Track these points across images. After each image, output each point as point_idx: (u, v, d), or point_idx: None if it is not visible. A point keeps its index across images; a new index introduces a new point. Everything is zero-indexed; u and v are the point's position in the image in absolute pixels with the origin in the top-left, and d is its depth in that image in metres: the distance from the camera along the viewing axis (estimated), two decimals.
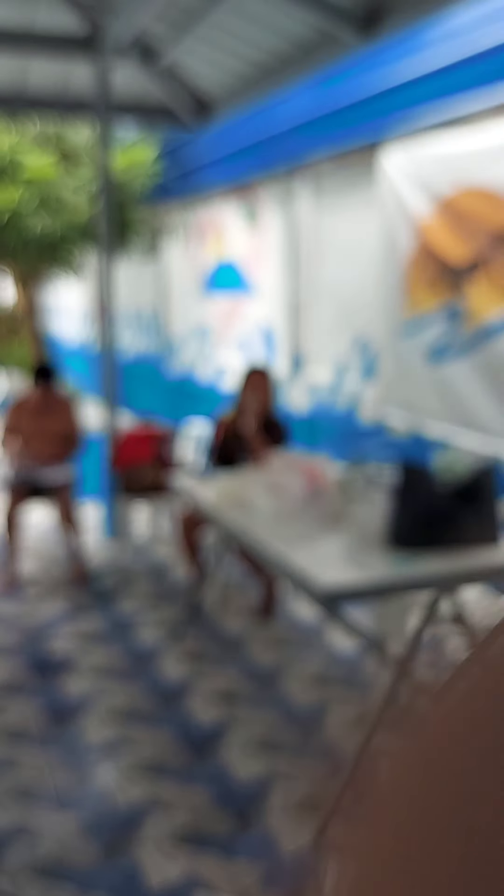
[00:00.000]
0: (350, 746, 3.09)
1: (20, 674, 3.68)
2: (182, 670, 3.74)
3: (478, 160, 3.99)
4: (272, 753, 3.05)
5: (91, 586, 4.83)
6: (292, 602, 4.49)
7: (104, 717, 3.31)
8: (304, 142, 5.53)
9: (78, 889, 2.35)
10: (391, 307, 4.78)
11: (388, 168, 4.65)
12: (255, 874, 2.41)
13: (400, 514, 2.72)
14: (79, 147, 7.22)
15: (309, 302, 5.87)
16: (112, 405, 5.78)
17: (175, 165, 7.59)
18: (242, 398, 4.42)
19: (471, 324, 4.16)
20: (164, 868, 2.43)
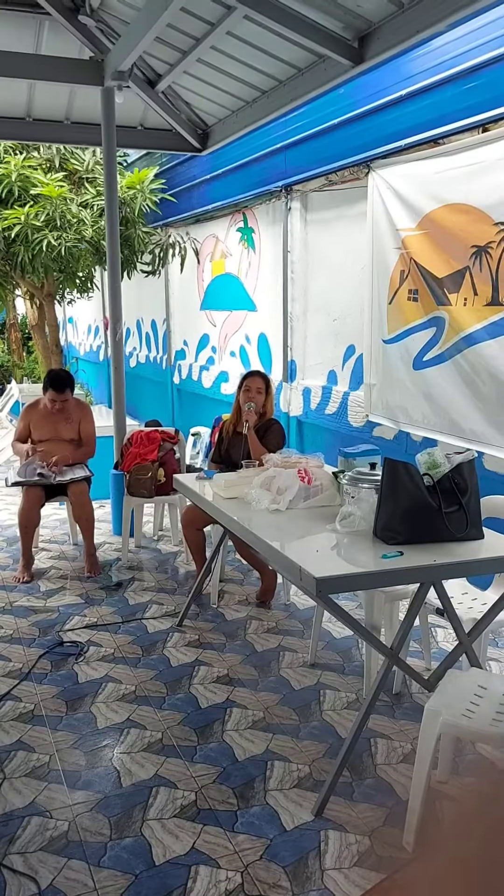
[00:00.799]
0: (344, 728, 3.07)
1: (34, 661, 3.66)
2: (186, 657, 3.72)
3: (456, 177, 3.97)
4: (271, 735, 3.02)
5: (101, 579, 4.81)
6: (289, 593, 4.48)
7: (113, 702, 3.29)
8: (294, 161, 5.51)
9: (88, 866, 2.32)
10: (378, 318, 4.75)
11: (375, 186, 4.62)
12: (256, 849, 2.38)
13: (387, 510, 2.70)
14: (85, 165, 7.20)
15: (300, 314, 5.85)
16: (119, 410, 5.76)
17: (176, 185, 7.58)
18: (240, 400, 4.41)
19: (454, 332, 4.13)
20: (169, 844, 2.41)
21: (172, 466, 5.20)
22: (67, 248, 6.63)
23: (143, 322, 9.74)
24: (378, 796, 2.64)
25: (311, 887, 2.22)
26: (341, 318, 5.37)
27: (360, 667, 3.59)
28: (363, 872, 2.28)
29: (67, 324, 13.94)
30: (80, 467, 5.03)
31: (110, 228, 5.52)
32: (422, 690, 3.33)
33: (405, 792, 2.63)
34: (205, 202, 7.11)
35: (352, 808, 2.58)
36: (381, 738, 2.99)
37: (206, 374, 7.73)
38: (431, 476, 2.71)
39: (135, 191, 7.10)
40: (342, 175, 5.03)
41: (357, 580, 2.51)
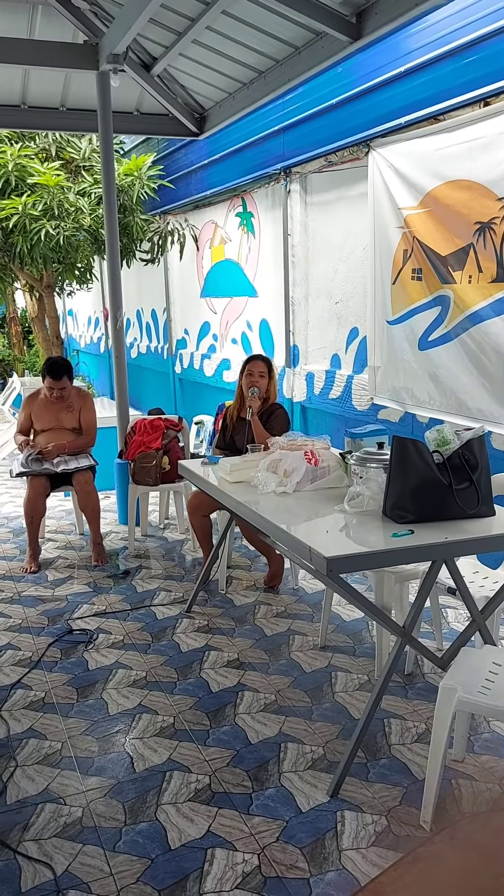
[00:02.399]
0: (357, 709, 3.05)
1: (43, 649, 3.64)
2: (196, 642, 3.70)
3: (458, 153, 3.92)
4: (283, 717, 3.01)
5: (108, 568, 4.79)
6: (297, 577, 4.46)
7: (124, 688, 3.27)
8: (292, 143, 5.46)
9: (103, 851, 2.31)
10: (382, 299, 4.71)
11: (376, 165, 4.57)
12: (273, 831, 2.36)
13: (397, 488, 2.67)
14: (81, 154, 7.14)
15: (302, 298, 5.81)
16: (122, 398, 5.73)
17: (173, 171, 7.52)
18: (243, 385, 4.37)
19: (459, 311, 4.09)
20: (185, 828, 2.39)
21: (177, 454, 5.18)
22: (66, 237, 6.58)
23: (144, 312, 9.70)
24: (393, 776, 2.62)
25: (328, 868, 2.21)
26: (344, 301, 5.33)
27: (370, 648, 3.57)
28: (381, 852, 2.27)
29: (67, 316, 13.89)
30: (84, 457, 5.00)
31: (108, 216, 5.48)
32: (434, 670, 3.31)
33: (421, 771, 2.61)
34: (203, 188, 7.05)
35: (367, 789, 2.56)
36: (394, 719, 2.97)
37: (208, 362, 7.69)
38: (441, 453, 2.68)
39: (132, 178, 7.04)
40: (342, 155, 4.98)
41: (368, 559, 2.48)
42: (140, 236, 7.29)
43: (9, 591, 4.42)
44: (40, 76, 5.42)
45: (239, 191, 6.55)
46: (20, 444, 4.91)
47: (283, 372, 6.00)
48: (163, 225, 7.72)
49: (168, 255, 8.01)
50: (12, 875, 2.22)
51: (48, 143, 7.09)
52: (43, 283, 8.00)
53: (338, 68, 4.69)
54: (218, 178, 6.74)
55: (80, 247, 6.87)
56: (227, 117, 5.54)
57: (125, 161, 7.29)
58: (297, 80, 4.56)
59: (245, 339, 6.90)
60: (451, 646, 2.76)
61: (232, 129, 6.02)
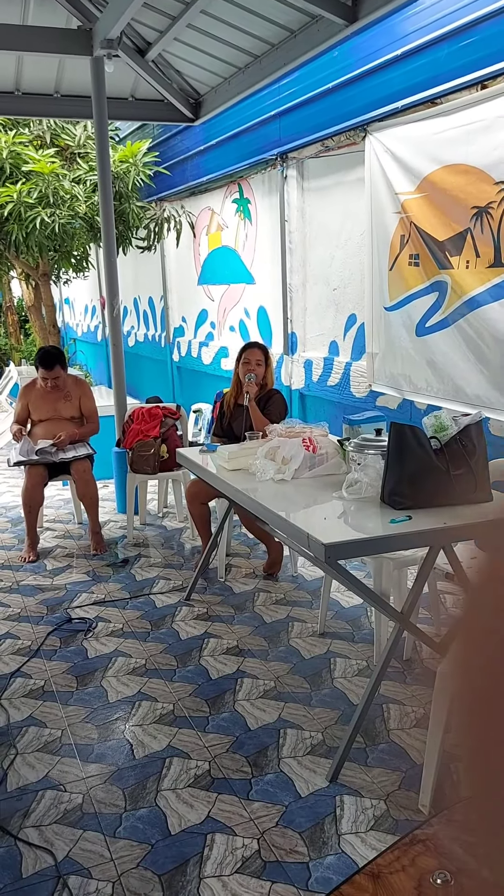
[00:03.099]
0: (356, 695, 3.07)
1: (42, 638, 3.66)
2: (195, 630, 3.72)
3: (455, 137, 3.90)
4: (283, 703, 3.02)
5: (107, 556, 4.80)
6: (296, 565, 4.47)
7: (123, 675, 3.29)
8: (289, 128, 5.43)
9: (104, 837, 2.32)
10: (379, 285, 4.70)
11: (372, 150, 4.55)
12: (272, 815, 2.38)
13: (394, 475, 2.67)
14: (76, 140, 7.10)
15: (300, 284, 5.79)
16: (119, 386, 5.72)
17: (169, 158, 7.48)
18: (240, 373, 4.37)
19: (456, 296, 4.08)
20: (184, 813, 2.41)
21: (175, 442, 5.18)
22: (61, 225, 6.55)
23: (141, 300, 9.67)
24: (392, 761, 2.64)
25: (327, 852, 2.22)
26: (341, 288, 5.31)
27: (369, 635, 3.58)
28: (380, 836, 2.28)
29: (64, 305, 13.85)
30: (82, 445, 5.00)
31: (104, 203, 5.45)
32: (433, 655, 3.33)
33: (419, 756, 2.63)
34: (199, 174, 7.02)
35: (366, 773, 2.57)
36: (393, 704, 2.99)
37: (206, 350, 7.68)
38: (439, 439, 2.68)
39: (128, 165, 7.01)
40: (338, 140, 4.95)
41: (366, 545, 2.49)
42: (136, 223, 7.26)
43: (7, 581, 4.43)
44: (34, 62, 5.38)
45: (235, 177, 6.51)
46: (15, 433, 4.90)
47: (281, 359, 5.99)
48: (159, 212, 7.69)
49: (164, 242, 7.98)
50: (13, 861, 2.23)
51: (43, 130, 7.04)
52: (39, 271, 7.97)
53: (334, 52, 4.66)
54: (214, 164, 6.70)
55: (75, 234, 6.84)
56: (222, 102, 5.50)
57: (120, 148, 7.25)
58: (293, 64, 4.52)
59: (243, 326, 6.89)
60: (449, 631, 2.76)
61: (228, 115, 5.99)
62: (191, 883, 2.12)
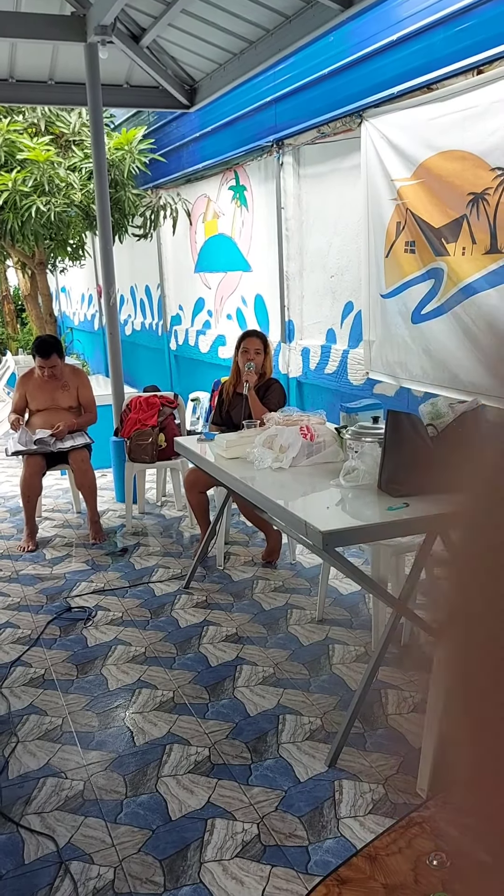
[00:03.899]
0: (354, 680, 3.09)
1: (42, 627, 3.68)
2: (194, 618, 3.74)
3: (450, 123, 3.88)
4: (282, 689, 3.05)
5: (106, 545, 4.81)
6: (294, 552, 4.49)
7: (123, 663, 3.31)
8: (284, 114, 5.40)
9: (105, 823, 2.35)
10: (376, 272, 4.69)
11: (368, 136, 4.53)
12: (272, 800, 2.41)
13: (391, 462, 2.68)
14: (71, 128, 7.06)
15: (297, 272, 5.78)
16: (117, 376, 5.72)
17: (164, 145, 7.44)
18: (238, 361, 4.37)
19: (452, 283, 4.08)
20: (185, 799, 2.43)
21: (173, 431, 5.18)
22: (57, 213, 6.53)
23: (137, 288, 9.64)
24: (390, 745, 2.67)
25: (326, 835, 2.25)
26: (338, 275, 5.30)
27: (367, 621, 3.60)
28: (378, 819, 2.31)
29: (61, 294, 13.81)
30: (80, 435, 5.01)
31: (100, 191, 5.43)
32: (430, 641, 3.34)
33: (417, 740, 2.65)
34: (195, 161, 6.98)
35: (365, 758, 2.60)
36: (391, 689, 3.01)
37: (203, 338, 7.67)
38: (435, 426, 2.69)
39: (123, 152, 6.96)
40: (334, 126, 4.93)
41: (363, 532, 2.50)
42: (132, 211, 7.23)
43: (7, 570, 4.45)
44: (28, 49, 5.34)
45: (231, 164, 6.48)
46: (13, 422, 4.91)
47: (278, 347, 5.99)
48: (155, 199, 7.65)
49: (161, 230, 7.95)
50: (15, 848, 2.26)
51: (37, 117, 7.00)
52: (35, 260, 7.95)
53: (329, 37, 4.63)
54: (210, 151, 6.67)
55: (71, 223, 6.81)
56: (218, 89, 5.47)
57: (116, 135, 7.21)
58: (288, 49, 4.50)
59: (240, 314, 6.88)
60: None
61: (223, 101, 5.95)
62: (191, 867, 2.15)
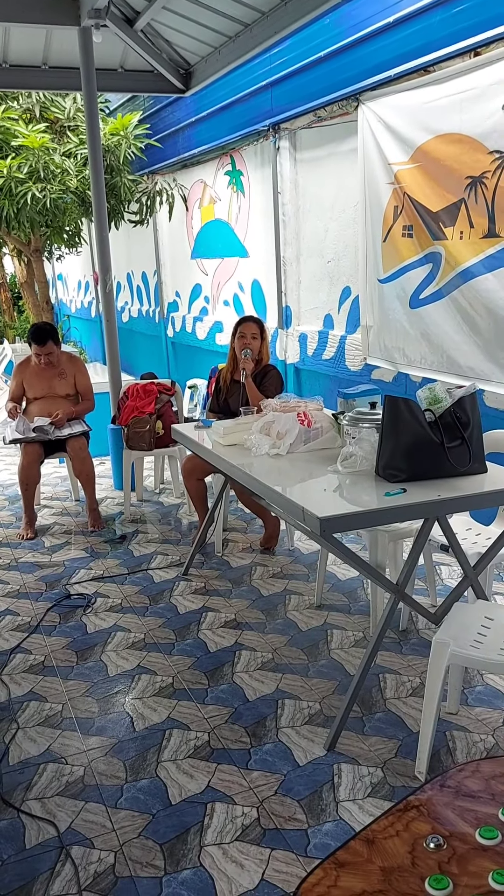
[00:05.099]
0: (353, 665, 3.10)
1: (42, 614, 3.68)
2: (193, 604, 3.75)
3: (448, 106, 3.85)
4: (280, 675, 3.06)
5: (105, 533, 4.82)
6: (293, 538, 4.49)
7: (123, 650, 3.32)
8: (280, 98, 5.36)
9: (105, 808, 2.36)
10: (373, 257, 4.67)
11: (365, 119, 4.50)
12: (271, 784, 2.42)
13: (389, 448, 2.68)
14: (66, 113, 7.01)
15: (293, 257, 5.75)
16: (114, 363, 5.70)
17: (160, 130, 7.39)
18: (235, 348, 4.35)
19: (450, 268, 4.06)
20: (185, 784, 2.45)
21: (170, 418, 5.17)
22: (52, 200, 6.49)
23: (134, 275, 9.61)
24: (389, 729, 2.68)
25: (326, 819, 2.26)
26: (336, 260, 5.28)
27: (365, 606, 3.61)
28: (377, 802, 2.33)
29: (57, 281, 13.76)
30: (77, 422, 5.00)
31: (95, 177, 5.39)
32: (428, 626, 3.36)
33: (415, 724, 2.67)
34: (191, 146, 6.94)
35: (363, 742, 2.61)
36: (389, 674, 3.02)
37: (200, 325, 7.65)
38: (433, 411, 2.68)
39: (119, 137, 6.92)
40: (331, 110, 4.89)
41: (361, 518, 2.50)
42: (128, 197, 7.19)
43: (6, 558, 4.45)
44: (20, 34, 5.28)
45: (227, 149, 6.44)
46: (10, 411, 4.90)
47: (275, 333, 5.97)
48: (151, 185, 7.61)
49: (157, 216, 7.91)
50: (17, 833, 2.27)
51: (32, 103, 6.94)
52: (31, 247, 7.91)
53: (325, 20, 4.59)
54: (206, 135, 6.63)
55: (67, 209, 6.78)
56: (213, 73, 5.42)
57: (111, 120, 7.16)
58: (284, 32, 4.45)
59: (237, 300, 6.85)
60: (444, 601, 2.79)
61: (219, 86, 5.91)
62: (192, 851, 2.16)
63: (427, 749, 2.40)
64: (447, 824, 1.21)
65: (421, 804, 1.27)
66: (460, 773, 1.33)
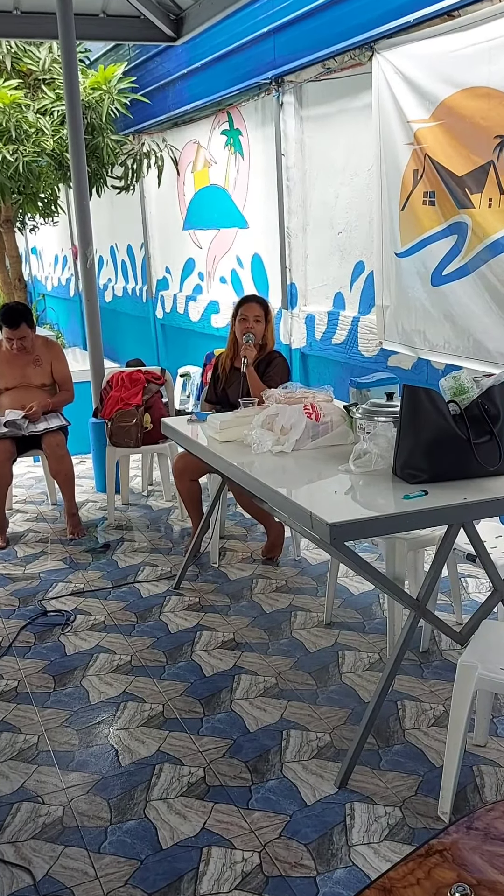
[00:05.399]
0: (367, 691, 3.11)
1: (15, 633, 3.69)
2: (186, 622, 3.75)
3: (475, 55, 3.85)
4: (285, 702, 3.06)
5: (85, 541, 4.82)
6: (299, 547, 4.50)
7: (106, 674, 3.32)
8: (285, 47, 5.36)
9: (87, 853, 2.37)
10: (390, 228, 4.67)
11: (381, 71, 4.50)
12: (275, 826, 2.43)
13: (408, 444, 2.68)
14: (41, 65, 7.00)
15: (299, 228, 5.76)
16: (95, 348, 5.70)
17: (147, 84, 7.39)
18: (236, 332, 4.35)
19: (477, 240, 4.06)
20: (177, 825, 2.45)
21: (160, 411, 5.18)
22: (26, 163, 6.50)
23: (118, 248, 9.61)
24: (408, 763, 2.69)
25: (337, 865, 2.27)
26: (347, 231, 5.29)
27: (382, 624, 3.62)
28: (395, 847, 2.33)
29: (31, 255, 13.77)
30: (54, 416, 5.01)
31: (74, 137, 5.40)
32: (453, 646, 3.37)
33: (438, 758, 2.67)
34: (182, 102, 6.94)
35: (379, 778, 2.62)
36: (408, 700, 3.03)
37: (194, 305, 7.66)
38: (458, 403, 2.68)
39: (101, 92, 6.93)
40: (342, 61, 4.90)
41: (376, 525, 2.50)
42: (111, 160, 7.20)
43: None
44: None
45: (224, 104, 6.45)
46: None
47: (279, 315, 5.98)
48: (137, 146, 7.62)
49: (144, 181, 7.92)
50: None
51: (2, 54, 6.94)
52: (1, 217, 7.91)
53: None
54: (199, 90, 6.63)
55: (42, 174, 6.79)
56: (207, 18, 5.43)
57: (91, 73, 7.16)
58: None
59: (235, 277, 6.86)
60: (470, 619, 2.80)
61: (214, 33, 5.90)
62: None
63: (452, 786, 2.41)
64: (475, 871, 1.21)
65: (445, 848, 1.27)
66: (489, 814, 1.33)
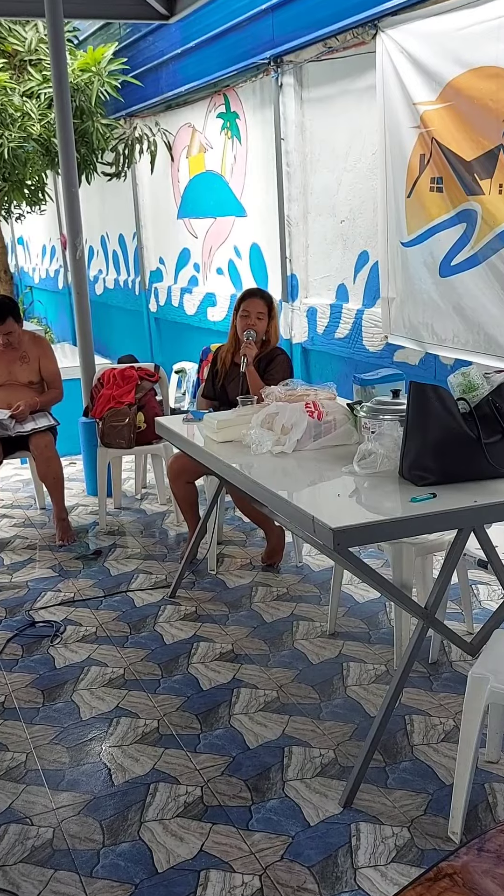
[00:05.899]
0: (373, 705, 3.11)
1: (1, 646, 3.69)
2: (182, 632, 3.76)
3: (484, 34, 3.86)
4: (287, 717, 3.07)
5: (76, 548, 4.83)
6: (301, 553, 4.50)
7: (98, 688, 3.32)
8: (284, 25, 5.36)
9: (79, 877, 2.37)
10: (396, 215, 4.68)
11: (385, 51, 4.50)
12: (276, 848, 2.43)
13: (415, 444, 2.68)
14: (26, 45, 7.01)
15: (300, 216, 5.76)
16: (86, 344, 5.71)
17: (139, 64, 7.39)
18: (237, 328, 4.35)
19: (488, 228, 4.07)
20: (173, 848, 2.45)
21: (154, 410, 5.18)
22: (11, 149, 6.51)
23: (109, 238, 9.61)
24: (417, 781, 2.69)
25: (341, 888, 2.27)
26: (350, 220, 5.29)
27: (388, 634, 3.62)
28: (403, 869, 2.33)
29: (17, 245, 13.77)
30: (42, 415, 5.01)
31: (62, 121, 5.41)
32: (463, 657, 3.37)
33: (448, 775, 2.67)
34: (176, 84, 6.94)
35: (386, 797, 2.62)
36: (417, 715, 3.03)
37: (189, 297, 7.66)
38: (467, 401, 2.69)
39: (90, 74, 6.93)
40: (344, 39, 4.90)
41: (382, 529, 2.50)
42: (102, 145, 7.20)
43: None
44: None
45: (220, 86, 6.45)
46: None
47: (279, 307, 5.98)
48: (129, 130, 7.62)
49: (136, 167, 7.92)
50: None
51: None
52: None
53: None
54: (194, 70, 6.63)
55: (28, 160, 6.79)
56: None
57: (80, 53, 7.16)
58: None
59: (233, 268, 6.86)
60: (482, 628, 2.80)
61: (209, 10, 5.91)
62: None
63: (462, 805, 2.41)
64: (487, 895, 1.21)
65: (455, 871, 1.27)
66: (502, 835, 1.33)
